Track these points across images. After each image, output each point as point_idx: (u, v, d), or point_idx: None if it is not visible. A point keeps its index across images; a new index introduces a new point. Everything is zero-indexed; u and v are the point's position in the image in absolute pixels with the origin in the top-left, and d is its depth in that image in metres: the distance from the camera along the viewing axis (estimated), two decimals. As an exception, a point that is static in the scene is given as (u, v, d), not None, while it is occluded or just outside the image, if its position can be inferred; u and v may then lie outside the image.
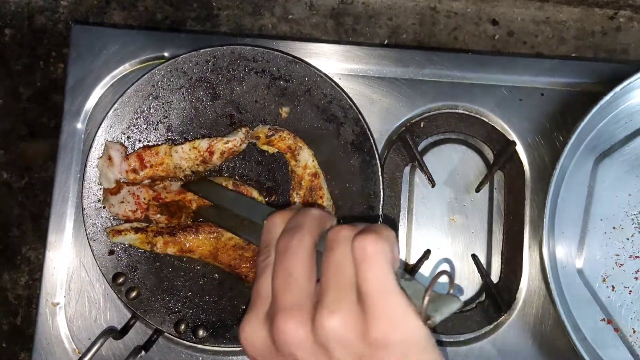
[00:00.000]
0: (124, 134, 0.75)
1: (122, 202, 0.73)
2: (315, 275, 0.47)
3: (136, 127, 0.76)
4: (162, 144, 0.75)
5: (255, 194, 0.75)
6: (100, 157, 0.74)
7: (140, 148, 0.75)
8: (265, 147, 0.76)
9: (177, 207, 0.74)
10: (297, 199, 0.75)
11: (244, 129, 0.75)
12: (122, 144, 0.75)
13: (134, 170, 0.73)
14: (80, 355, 0.69)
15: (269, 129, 0.75)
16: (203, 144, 0.74)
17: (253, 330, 0.47)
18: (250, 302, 0.49)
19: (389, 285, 0.43)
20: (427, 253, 0.79)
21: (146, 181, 0.74)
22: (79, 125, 0.81)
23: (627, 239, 0.77)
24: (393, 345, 0.42)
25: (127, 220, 0.74)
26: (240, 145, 0.74)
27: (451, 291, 0.45)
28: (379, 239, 0.44)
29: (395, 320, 0.42)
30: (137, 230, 0.73)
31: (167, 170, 0.74)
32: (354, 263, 0.44)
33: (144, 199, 0.73)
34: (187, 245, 0.73)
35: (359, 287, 0.44)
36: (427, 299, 0.43)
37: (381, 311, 0.42)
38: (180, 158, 0.74)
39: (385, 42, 0.88)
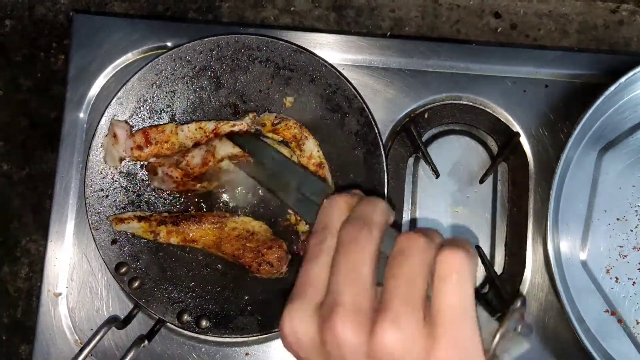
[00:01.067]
0: (128, 122, 0.75)
1: (163, 181, 0.74)
2: (376, 277, 0.42)
3: (139, 116, 0.75)
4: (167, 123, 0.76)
5: None
6: (106, 135, 0.74)
7: (146, 126, 0.75)
8: (270, 135, 0.75)
9: (209, 175, 0.74)
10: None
11: (251, 114, 0.74)
12: (127, 123, 0.74)
13: (139, 147, 0.73)
14: (82, 345, 0.68)
15: (276, 117, 0.74)
16: (210, 125, 0.74)
17: (301, 322, 0.42)
18: (297, 287, 0.44)
19: (468, 313, 0.39)
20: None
21: (166, 160, 0.75)
22: (81, 115, 0.80)
23: (631, 231, 0.77)
24: None
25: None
26: (247, 130, 0.74)
27: (519, 328, 0.41)
28: (470, 258, 0.40)
29: (464, 353, 0.38)
30: (140, 218, 0.73)
31: (172, 149, 0.74)
32: (436, 279, 0.40)
33: (177, 177, 0.73)
34: (191, 235, 0.73)
35: (435, 305, 0.40)
36: (497, 337, 0.40)
37: (454, 338, 0.38)
38: (186, 137, 0.73)
39: (388, 34, 0.88)
